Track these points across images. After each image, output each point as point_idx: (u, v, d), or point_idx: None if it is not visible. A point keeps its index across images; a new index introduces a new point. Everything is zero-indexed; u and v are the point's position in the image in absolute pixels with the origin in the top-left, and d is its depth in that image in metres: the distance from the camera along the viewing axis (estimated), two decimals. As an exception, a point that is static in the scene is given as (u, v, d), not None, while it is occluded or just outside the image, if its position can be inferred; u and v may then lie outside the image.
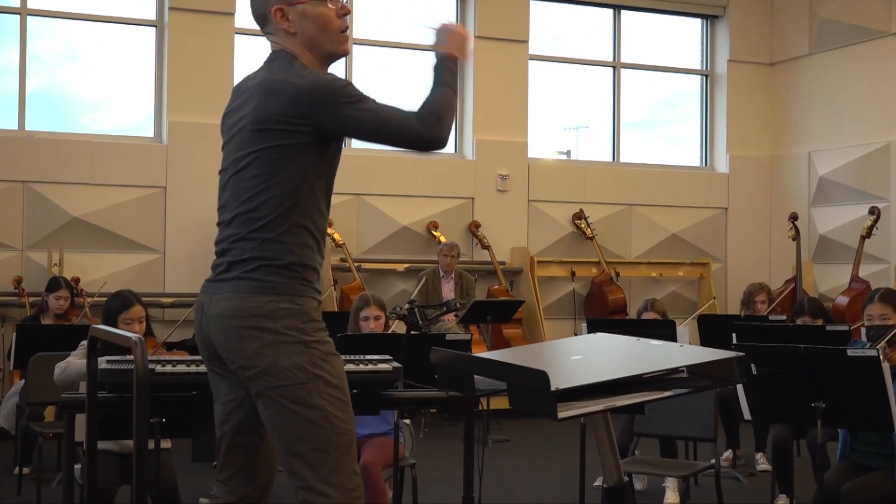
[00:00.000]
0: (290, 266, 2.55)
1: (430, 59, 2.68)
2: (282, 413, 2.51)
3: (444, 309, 6.17)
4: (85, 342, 3.26)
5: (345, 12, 2.70)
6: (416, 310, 4.53)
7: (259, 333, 2.51)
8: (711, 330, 6.41)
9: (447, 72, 2.64)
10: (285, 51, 2.66)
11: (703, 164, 10.95)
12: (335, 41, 2.68)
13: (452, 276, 8.72)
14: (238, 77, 4.21)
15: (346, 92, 2.52)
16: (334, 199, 2.86)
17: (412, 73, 9.72)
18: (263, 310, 2.51)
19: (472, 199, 9.63)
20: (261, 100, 2.57)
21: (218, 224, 2.68)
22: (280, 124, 2.52)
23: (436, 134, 2.53)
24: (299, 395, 2.49)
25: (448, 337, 4.60)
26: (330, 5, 2.68)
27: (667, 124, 11.32)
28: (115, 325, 4.27)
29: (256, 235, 2.56)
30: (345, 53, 2.72)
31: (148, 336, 4.60)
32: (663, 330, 5.69)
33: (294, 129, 2.52)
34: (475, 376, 2.06)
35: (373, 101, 2.55)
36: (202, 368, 3.24)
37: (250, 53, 8.71)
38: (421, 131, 2.52)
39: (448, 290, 8.67)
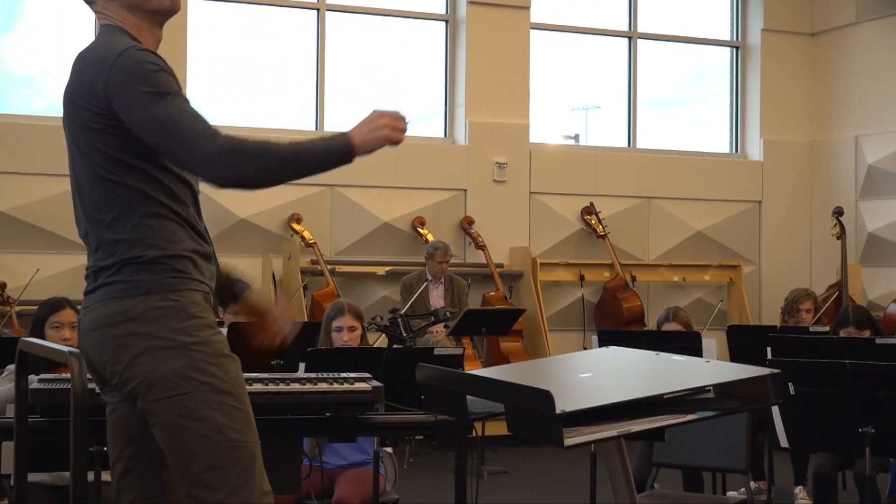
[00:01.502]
0: (155, 260, 2.59)
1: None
2: (168, 429, 2.54)
3: (432, 319, 6.15)
4: (12, 366, 3.26)
5: None
6: (399, 320, 4.53)
7: (132, 340, 2.55)
8: (743, 343, 6.41)
9: (323, 149, 2.56)
10: (110, 24, 2.71)
11: (734, 151, 10.98)
12: None
13: (442, 280, 8.72)
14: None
15: (149, 78, 2.52)
16: (302, 191, 2.89)
17: (389, 41, 9.73)
18: (133, 312, 2.56)
19: (465, 190, 9.64)
20: (72, 79, 2.65)
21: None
22: (87, 106, 2.57)
23: (227, 168, 2.46)
24: (184, 407, 2.53)
25: (436, 351, 4.60)
26: None
27: (691, 104, 11.36)
28: (42, 335, 4.26)
29: (108, 237, 2.62)
30: (174, 7, 2.72)
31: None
32: (687, 343, 5.69)
33: (96, 111, 2.57)
34: (468, 397, 2.06)
35: (176, 99, 2.52)
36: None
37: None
38: (206, 150, 2.46)
39: (437, 297, 8.67)
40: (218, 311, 5.83)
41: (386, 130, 2.59)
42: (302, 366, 4.34)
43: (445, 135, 9.80)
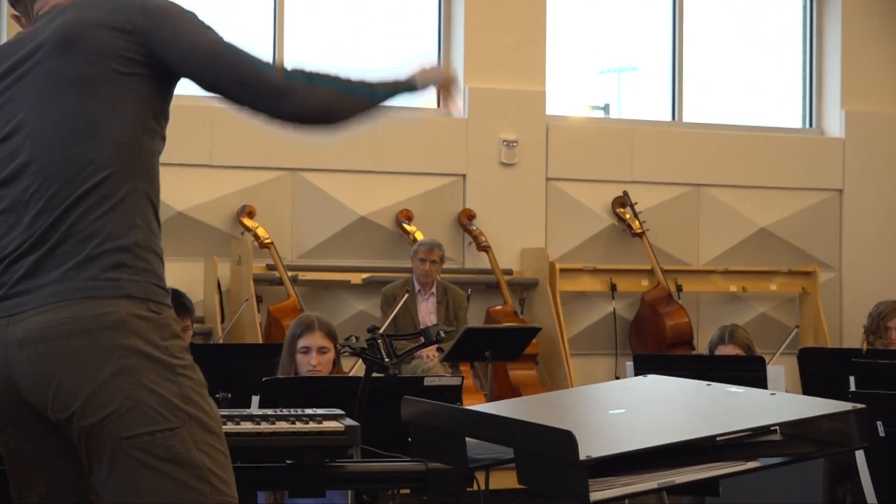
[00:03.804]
0: (137, 249, 2.60)
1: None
2: (141, 477, 2.52)
3: (422, 340, 6.16)
4: None
5: None
6: (379, 341, 4.53)
7: (107, 356, 2.52)
8: (818, 370, 6.42)
9: (389, 85, 2.85)
10: None
11: (807, 125, 11.00)
12: None
13: (433, 290, 8.72)
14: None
15: (190, 13, 2.74)
16: (255, 177, 2.97)
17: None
18: (110, 319, 2.54)
19: (464, 176, 9.65)
20: (88, 6, 2.71)
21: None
22: (123, 29, 2.65)
23: (304, 92, 2.70)
24: (168, 447, 2.52)
25: (427, 382, 4.61)
26: None
27: (752, 66, 11.34)
28: None
29: (82, 211, 2.59)
30: None
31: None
32: (747, 370, 5.70)
33: (129, 41, 2.65)
34: (468, 440, 2.07)
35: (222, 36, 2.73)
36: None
37: None
38: (276, 74, 2.70)
39: (427, 312, 8.67)
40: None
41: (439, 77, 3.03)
42: (255, 399, 4.34)
43: (439, 105, 9.81)
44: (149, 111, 2.68)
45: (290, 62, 2.73)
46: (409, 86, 2.88)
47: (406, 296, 8.55)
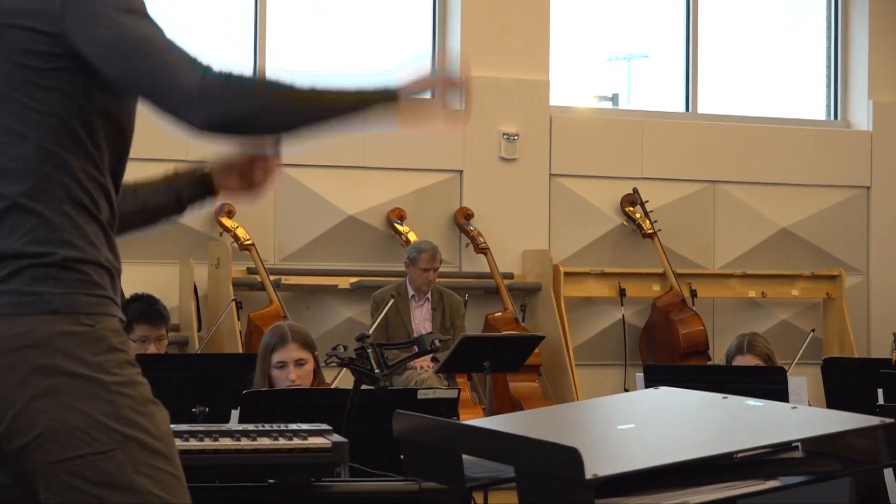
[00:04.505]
0: (69, 265, 2.57)
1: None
2: (78, 502, 2.52)
3: (415, 349, 6.16)
4: None
5: None
6: (369, 350, 4.53)
7: (28, 377, 2.52)
8: (844, 382, 6.43)
9: (355, 83, 2.71)
10: None
11: (831, 117, 11.01)
12: None
13: (428, 296, 8.73)
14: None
15: None
16: None
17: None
18: (31, 337, 2.53)
19: (460, 172, 9.65)
20: None
21: None
22: (32, 24, 2.58)
23: (214, 100, 2.54)
24: (102, 470, 2.51)
25: (421, 394, 4.61)
26: None
27: (773, 53, 11.34)
28: None
29: (2, 222, 2.58)
30: None
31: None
32: (767, 382, 5.71)
33: (42, 33, 2.58)
34: (465, 457, 2.07)
35: (153, 24, 2.61)
36: None
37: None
38: (192, 77, 2.54)
39: (421, 319, 8.67)
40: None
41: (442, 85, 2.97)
42: (235, 414, 4.34)
43: (433, 94, 9.80)
44: (75, 110, 2.60)
45: (269, 69, 2.66)
46: (390, 96, 2.77)
47: (391, 301, 8.54)
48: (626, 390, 8.88)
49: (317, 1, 9.73)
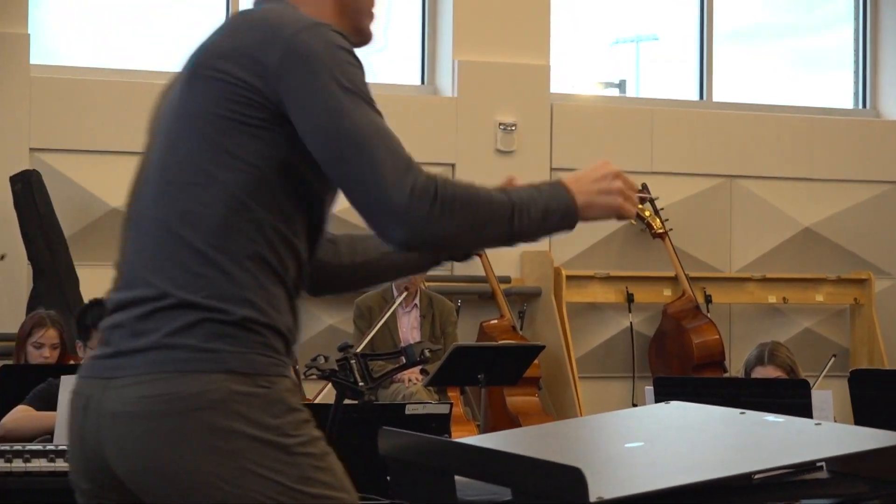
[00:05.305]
0: (245, 323, 2.61)
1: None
2: None
3: (403, 360, 6.17)
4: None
5: None
6: (352, 361, 4.54)
7: (203, 440, 2.54)
8: (873, 396, 6.44)
9: (543, 204, 3.04)
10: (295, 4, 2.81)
11: (859, 105, 11.04)
12: (368, 14, 2.93)
13: (416, 302, 8.73)
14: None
15: (347, 71, 2.64)
16: None
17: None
18: (206, 398, 2.55)
19: (453, 165, 9.68)
20: (219, 38, 2.73)
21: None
22: (239, 76, 2.63)
23: (422, 220, 2.67)
24: None
25: (409, 409, 4.62)
26: None
27: (795, 36, 11.38)
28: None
29: (183, 269, 2.62)
30: (368, 40, 2.94)
31: None
32: (789, 395, 5.72)
33: (248, 89, 2.62)
34: (457, 478, 2.06)
35: (373, 110, 2.67)
36: None
37: None
38: (403, 189, 2.64)
39: (409, 327, 8.68)
40: (77, 348, 5.82)
41: (619, 198, 3.13)
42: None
43: (423, 80, 9.82)
44: (276, 163, 2.66)
45: (434, 173, 2.71)
46: (571, 220, 3.00)
47: (390, 308, 8.54)
48: (635, 405, 8.90)
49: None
